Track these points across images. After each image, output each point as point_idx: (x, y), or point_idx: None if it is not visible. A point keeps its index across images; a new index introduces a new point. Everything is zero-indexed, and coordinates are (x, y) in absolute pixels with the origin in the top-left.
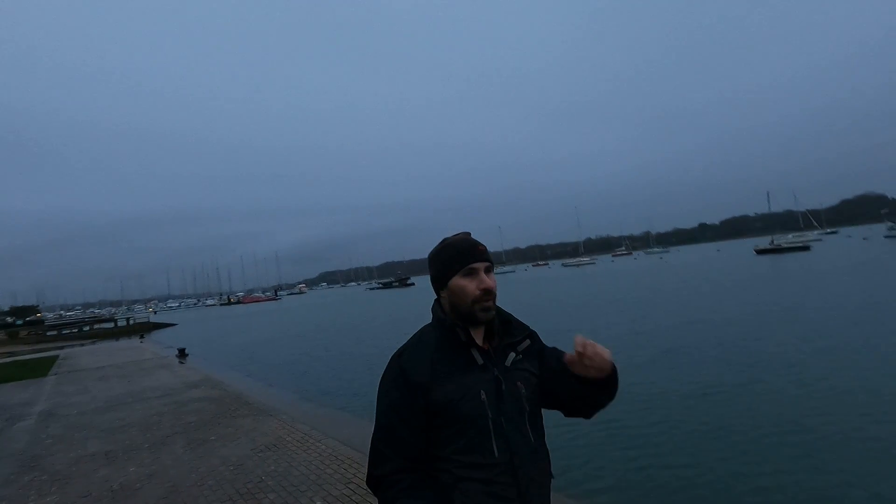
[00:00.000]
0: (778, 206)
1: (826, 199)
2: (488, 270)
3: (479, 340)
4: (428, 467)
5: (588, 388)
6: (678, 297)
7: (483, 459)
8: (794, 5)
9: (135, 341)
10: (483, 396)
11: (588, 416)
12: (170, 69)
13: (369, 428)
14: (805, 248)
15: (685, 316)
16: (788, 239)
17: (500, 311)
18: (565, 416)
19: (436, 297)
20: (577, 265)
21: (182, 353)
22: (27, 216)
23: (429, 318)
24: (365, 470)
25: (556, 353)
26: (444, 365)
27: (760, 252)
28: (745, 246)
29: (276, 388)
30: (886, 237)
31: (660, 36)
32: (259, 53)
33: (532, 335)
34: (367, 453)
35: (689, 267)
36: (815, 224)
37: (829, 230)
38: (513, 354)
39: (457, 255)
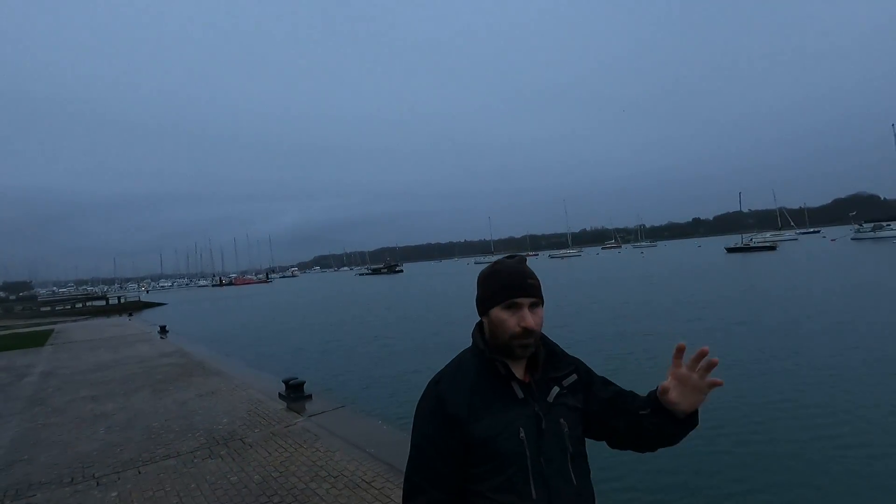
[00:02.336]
0: (773, 204)
1: (823, 197)
2: (535, 306)
3: (519, 373)
4: (462, 501)
5: (666, 422)
6: (609, 290)
7: (519, 500)
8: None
9: (124, 318)
10: (522, 434)
11: (645, 450)
12: (165, 42)
13: (276, 382)
14: (771, 248)
15: (590, 309)
16: (767, 237)
17: (546, 341)
18: (611, 447)
19: (479, 320)
20: (563, 257)
21: (163, 330)
22: (21, 192)
23: (400, 312)
24: (267, 404)
25: (606, 382)
26: (483, 397)
27: (731, 250)
28: (728, 242)
29: (231, 358)
30: (853, 239)
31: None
32: (264, 46)
33: (578, 369)
34: (271, 395)
35: (658, 261)
36: (792, 224)
37: (812, 229)
38: (556, 389)
39: (502, 286)
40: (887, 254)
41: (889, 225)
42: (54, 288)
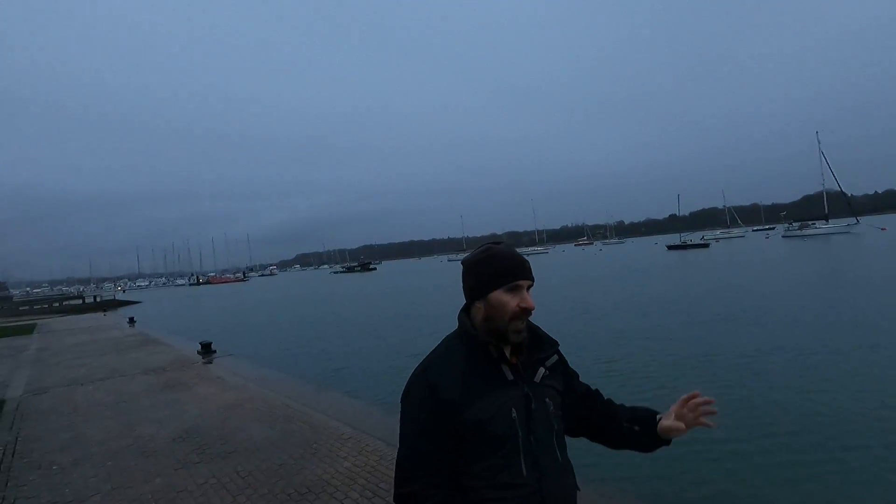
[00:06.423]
0: (759, 200)
1: (795, 194)
2: (530, 288)
3: (507, 354)
4: (456, 483)
5: (650, 441)
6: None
7: (511, 479)
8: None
9: (99, 315)
10: (514, 415)
11: (616, 448)
12: (143, 39)
13: (192, 345)
14: (704, 246)
15: None
16: (717, 234)
17: (528, 323)
18: (573, 436)
19: (466, 305)
20: (529, 255)
21: (132, 321)
22: None
23: (336, 309)
24: (188, 356)
25: (577, 375)
26: (475, 381)
27: (671, 248)
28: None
29: (178, 336)
30: (783, 237)
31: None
32: (241, 42)
33: (558, 350)
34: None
35: (608, 258)
36: (740, 222)
37: (768, 226)
38: (542, 370)
39: (506, 269)
40: (800, 249)
41: (814, 224)
42: (28, 288)
